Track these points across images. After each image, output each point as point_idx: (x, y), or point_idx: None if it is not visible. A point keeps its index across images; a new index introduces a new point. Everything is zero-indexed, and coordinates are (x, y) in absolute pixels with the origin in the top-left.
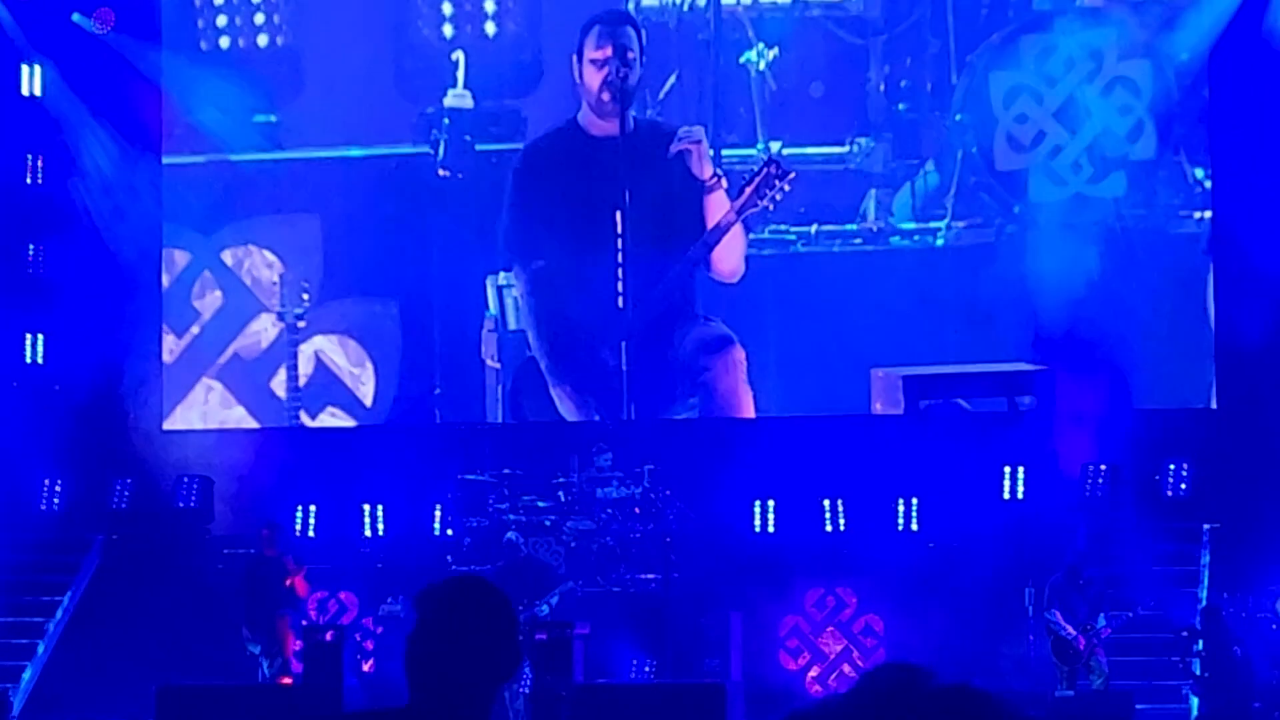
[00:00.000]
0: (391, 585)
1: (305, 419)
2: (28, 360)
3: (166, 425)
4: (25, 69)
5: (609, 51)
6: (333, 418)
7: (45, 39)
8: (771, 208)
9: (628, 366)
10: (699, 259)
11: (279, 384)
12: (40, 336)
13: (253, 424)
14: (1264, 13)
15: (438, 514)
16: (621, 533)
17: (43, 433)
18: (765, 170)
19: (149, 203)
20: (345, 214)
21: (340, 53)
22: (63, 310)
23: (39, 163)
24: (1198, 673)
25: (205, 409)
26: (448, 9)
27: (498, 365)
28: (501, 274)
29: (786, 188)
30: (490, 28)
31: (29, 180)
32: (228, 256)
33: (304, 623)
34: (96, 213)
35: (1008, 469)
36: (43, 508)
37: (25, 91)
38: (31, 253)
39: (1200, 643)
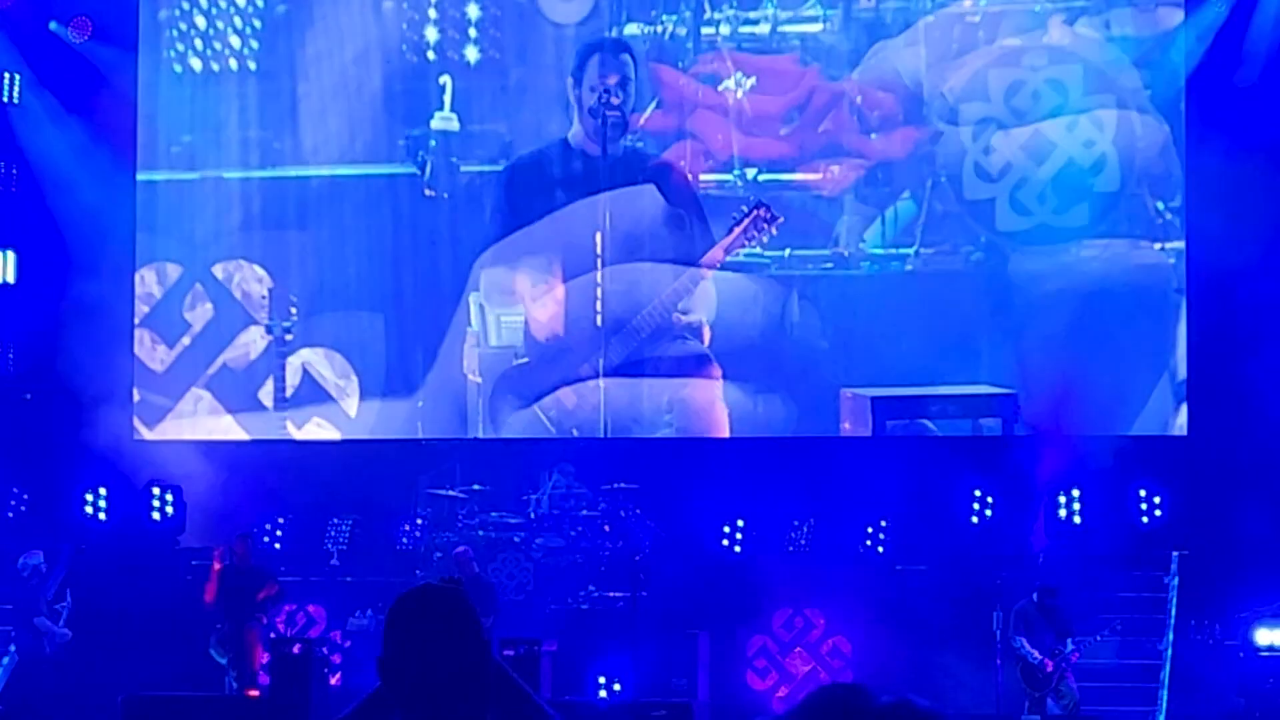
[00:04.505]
0: (359, 599)
1: (291, 429)
2: None
3: (156, 433)
4: (4, 76)
5: (608, 78)
6: (318, 428)
7: (23, 47)
8: (760, 249)
9: (605, 384)
10: (684, 292)
11: (266, 394)
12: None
13: (240, 433)
14: (1238, 50)
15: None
16: (591, 550)
17: (11, 442)
18: (755, 213)
19: (122, 213)
20: (333, 231)
21: (332, 76)
22: (33, 320)
23: (13, 171)
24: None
25: (195, 417)
26: (432, 35)
27: (479, 380)
28: (483, 290)
29: (774, 231)
30: (472, 53)
31: (3, 188)
32: (219, 270)
33: (271, 635)
34: (69, 222)
35: (978, 491)
36: (9, 515)
37: (3, 99)
38: (1, 259)
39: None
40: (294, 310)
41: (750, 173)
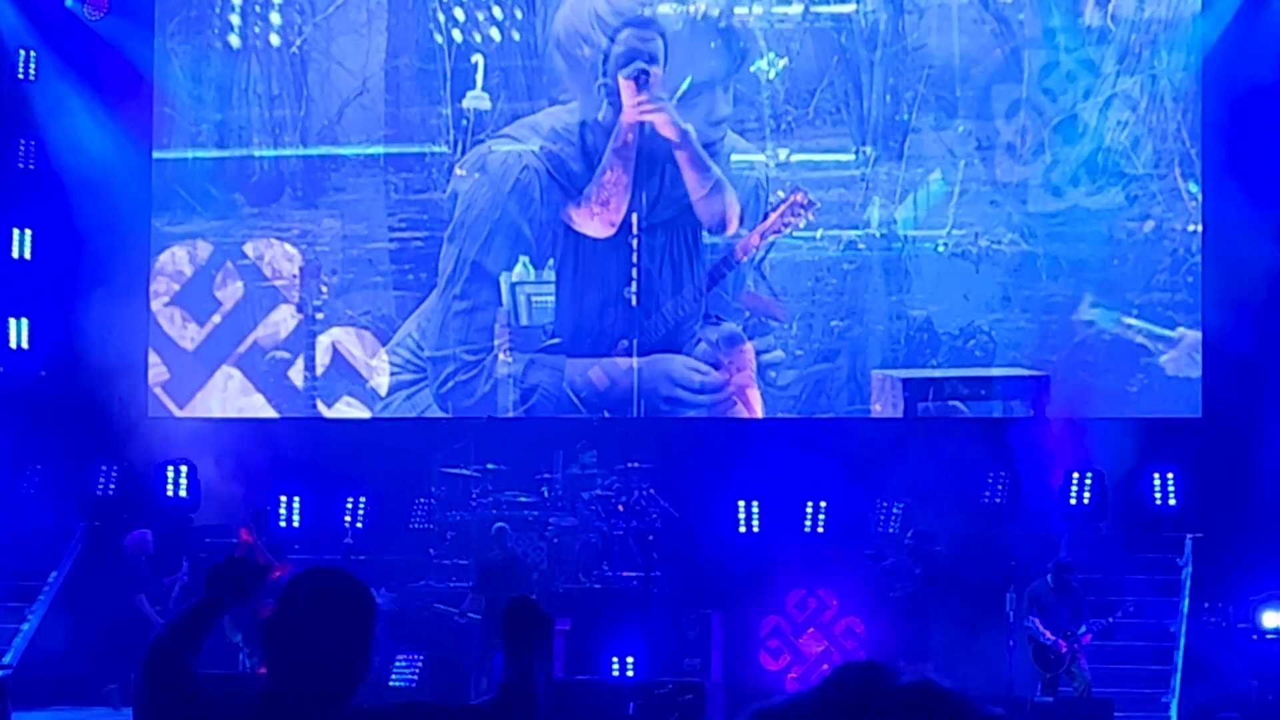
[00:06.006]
0: (373, 577)
1: (322, 408)
2: (11, 345)
3: (187, 411)
4: (20, 53)
5: (636, 56)
6: (348, 407)
7: (39, 24)
8: (793, 234)
9: (638, 364)
10: (718, 277)
11: (297, 373)
12: (24, 321)
13: (271, 411)
14: (1259, 25)
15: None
16: (604, 530)
17: (26, 418)
18: (792, 199)
19: (139, 191)
20: (365, 210)
21: (363, 53)
22: (49, 296)
23: (31, 147)
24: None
25: (225, 396)
26: (460, 14)
27: (509, 359)
28: (516, 270)
29: (811, 216)
30: (495, 34)
31: (21, 165)
32: (249, 249)
33: None
34: (85, 199)
35: (990, 475)
36: (30, 491)
37: (20, 76)
38: (18, 236)
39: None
40: (324, 289)
41: (783, 153)
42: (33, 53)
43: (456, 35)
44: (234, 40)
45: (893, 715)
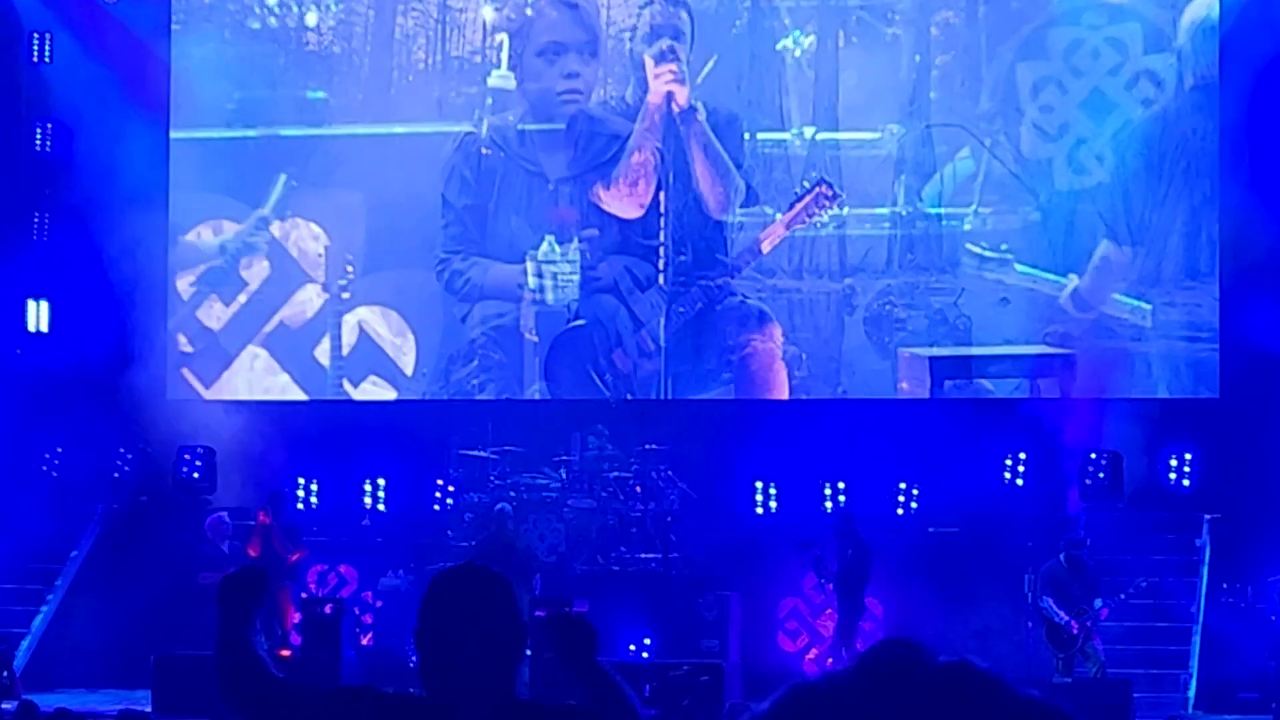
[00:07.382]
0: (391, 559)
1: (348, 387)
2: (31, 329)
3: (213, 390)
4: (36, 36)
5: (663, 33)
6: (374, 386)
7: (55, 6)
8: (818, 225)
9: (665, 344)
10: (742, 267)
11: (323, 353)
12: (45, 304)
13: (297, 391)
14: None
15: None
16: (622, 511)
17: (46, 401)
18: (817, 190)
19: (156, 172)
20: (390, 190)
21: (388, 32)
22: (69, 279)
23: (48, 130)
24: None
25: (251, 376)
26: None
27: (535, 339)
28: (542, 249)
29: (836, 209)
30: (529, 11)
31: (39, 148)
32: (275, 228)
33: (303, 595)
34: (104, 180)
35: (1009, 456)
36: (52, 474)
37: (36, 59)
38: (38, 220)
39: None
40: (350, 269)
41: (809, 131)
42: (49, 35)
43: (487, 14)
44: (252, 24)
45: (930, 694)
